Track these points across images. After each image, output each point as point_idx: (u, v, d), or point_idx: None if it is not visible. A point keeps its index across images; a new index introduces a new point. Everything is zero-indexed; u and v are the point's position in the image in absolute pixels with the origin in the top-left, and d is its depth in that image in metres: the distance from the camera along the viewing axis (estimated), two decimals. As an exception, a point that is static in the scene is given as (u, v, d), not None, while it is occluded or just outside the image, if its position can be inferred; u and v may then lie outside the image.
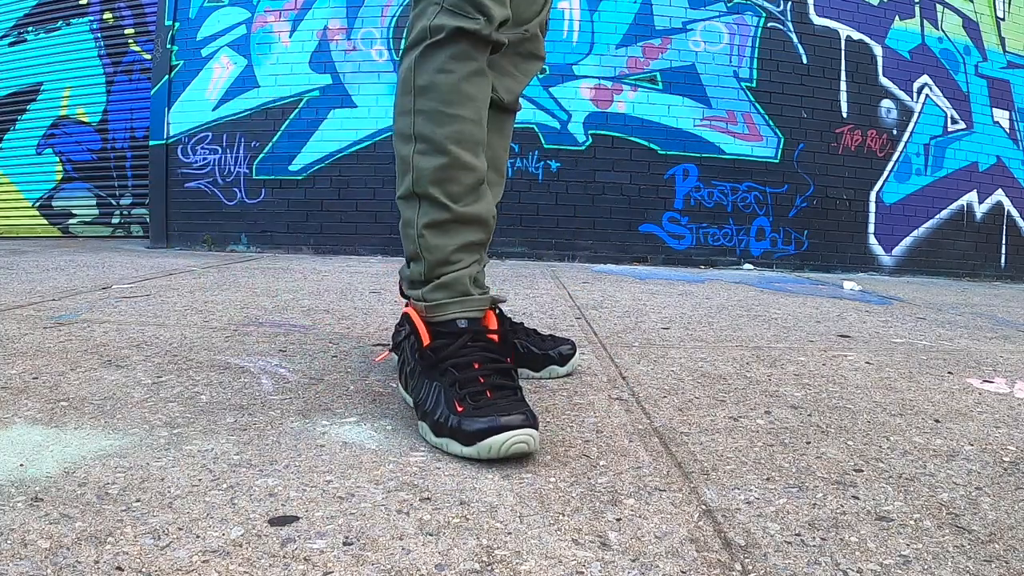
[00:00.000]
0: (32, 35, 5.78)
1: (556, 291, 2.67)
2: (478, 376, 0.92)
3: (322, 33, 4.38)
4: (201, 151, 4.49)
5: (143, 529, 0.64)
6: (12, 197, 5.91)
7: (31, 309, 1.82)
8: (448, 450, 0.86)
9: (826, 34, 4.50)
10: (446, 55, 0.98)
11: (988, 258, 4.90)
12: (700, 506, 0.75)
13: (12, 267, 2.88)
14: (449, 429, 0.86)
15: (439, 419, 0.88)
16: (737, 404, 1.15)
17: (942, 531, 0.70)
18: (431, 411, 0.90)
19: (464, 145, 0.99)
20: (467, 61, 0.98)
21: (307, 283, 2.66)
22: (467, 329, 0.99)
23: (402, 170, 1.02)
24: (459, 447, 0.85)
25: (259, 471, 0.79)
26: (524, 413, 0.85)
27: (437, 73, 0.98)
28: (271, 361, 1.33)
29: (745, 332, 1.89)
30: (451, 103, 0.98)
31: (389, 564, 0.60)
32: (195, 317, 1.79)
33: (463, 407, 0.87)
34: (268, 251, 4.41)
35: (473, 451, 0.84)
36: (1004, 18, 4.92)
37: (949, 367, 1.53)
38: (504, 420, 0.83)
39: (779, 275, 4.06)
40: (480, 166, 1.02)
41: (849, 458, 0.91)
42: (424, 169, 0.99)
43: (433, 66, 0.98)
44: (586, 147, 4.35)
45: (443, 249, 1.01)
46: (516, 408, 0.86)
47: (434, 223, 1.00)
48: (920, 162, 4.69)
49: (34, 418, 0.94)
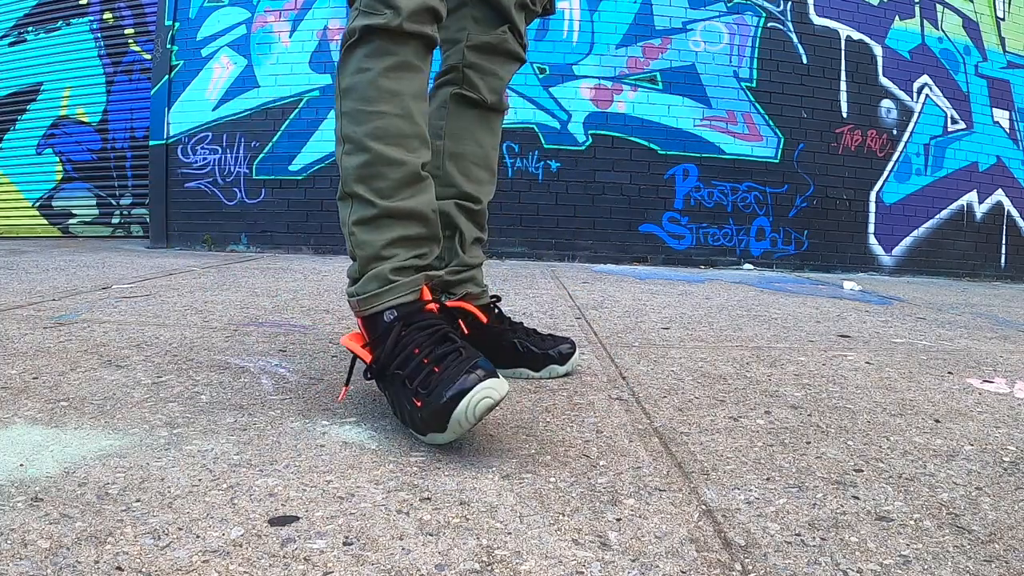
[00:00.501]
0: (32, 35, 5.78)
1: (556, 291, 2.67)
2: (421, 359, 0.89)
3: (322, 33, 4.38)
4: (201, 151, 4.49)
5: (143, 529, 0.64)
6: (12, 197, 5.91)
7: (31, 309, 1.82)
8: (439, 442, 0.87)
9: (826, 34, 4.50)
10: (362, 54, 0.98)
11: (988, 258, 4.90)
12: (700, 506, 0.75)
13: (12, 267, 2.88)
14: (424, 424, 0.86)
15: (414, 421, 0.88)
16: (737, 404, 1.15)
17: (942, 531, 0.70)
18: (407, 418, 0.90)
19: (386, 140, 0.98)
20: (384, 56, 0.98)
21: (307, 283, 2.65)
22: (397, 319, 0.95)
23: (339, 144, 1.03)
24: (442, 436, 0.85)
25: (259, 471, 0.79)
26: (473, 370, 0.83)
27: (355, 73, 0.99)
28: (271, 361, 1.33)
29: (745, 332, 1.89)
30: (370, 100, 0.98)
31: (389, 564, 0.60)
32: (195, 317, 1.79)
33: (420, 400, 0.85)
34: (268, 251, 4.41)
35: (450, 434, 0.83)
36: (1004, 18, 4.92)
37: (949, 367, 1.53)
38: (456, 389, 0.81)
39: (779, 275, 4.06)
40: (411, 160, 1.00)
41: (849, 458, 0.91)
42: (349, 168, 1.00)
43: (352, 67, 0.99)
44: (586, 147, 4.35)
45: (373, 244, 0.99)
46: (464, 368, 0.83)
47: (362, 219, 0.99)
48: (920, 162, 4.69)
49: (34, 418, 0.94)
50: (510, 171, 4.34)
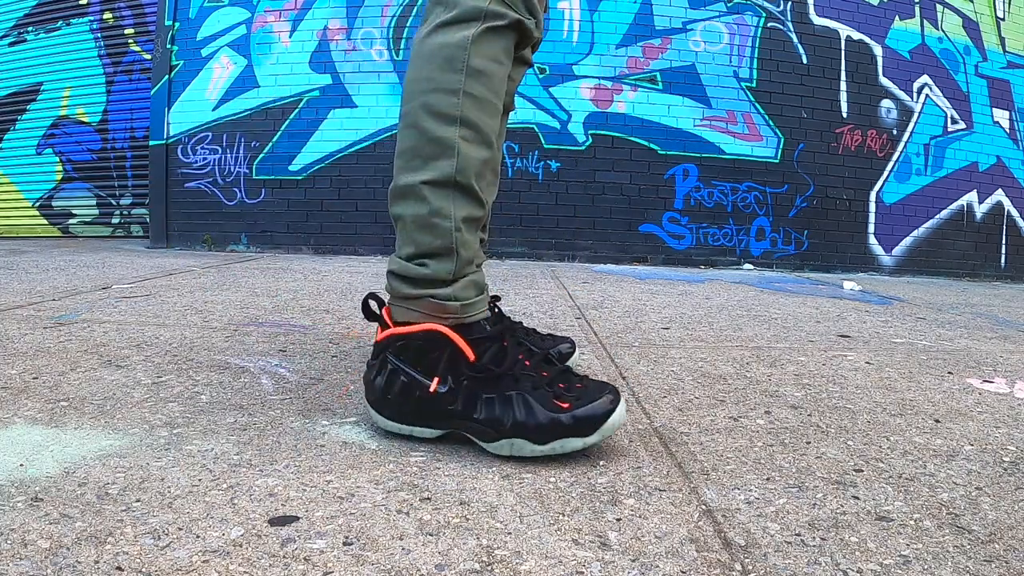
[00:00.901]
0: (32, 35, 5.78)
1: (556, 291, 2.67)
2: (542, 371, 0.91)
3: (322, 33, 4.38)
4: (201, 151, 4.49)
5: (143, 529, 0.64)
6: (12, 197, 5.91)
7: (31, 309, 1.81)
8: (564, 450, 0.85)
9: (826, 34, 4.50)
10: (503, 45, 0.92)
11: (988, 258, 4.90)
12: (700, 506, 0.75)
13: (12, 267, 2.88)
14: (564, 428, 0.84)
15: (546, 424, 0.84)
16: (737, 404, 1.15)
17: (942, 531, 0.70)
18: (527, 421, 0.85)
19: (500, 143, 0.97)
20: (511, 55, 0.95)
21: (307, 283, 2.65)
22: (508, 328, 0.95)
23: (434, 152, 0.90)
24: (579, 441, 0.85)
25: (259, 471, 0.79)
26: (609, 389, 0.89)
27: (492, 61, 0.91)
28: (271, 361, 1.33)
29: (745, 332, 1.89)
30: (499, 95, 0.93)
31: (389, 564, 0.60)
32: (195, 317, 1.79)
33: (568, 402, 0.86)
34: (268, 251, 4.41)
35: (596, 437, 0.86)
36: (1004, 18, 4.92)
37: (949, 367, 1.53)
38: (611, 402, 0.87)
39: (779, 275, 4.06)
40: None
41: (849, 458, 0.91)
42: (473, 159, 0.90)
43: (490, 52, 0.91)
44: (586, 147, 4.35)
45: (472, 246, 0.93)
46: (604, 388, 0.90)
47: (471, 218, 0.92)
48: (920, 162, 4.69)
49: (34, 418, 0.94)
50: (510, 171, 4.34)
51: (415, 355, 0.90)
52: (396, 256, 0.94)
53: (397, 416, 0.91)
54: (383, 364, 0.92)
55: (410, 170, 0.92)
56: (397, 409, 0.91)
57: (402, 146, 0.93)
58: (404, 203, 0.93)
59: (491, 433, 0.86)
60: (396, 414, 0.91)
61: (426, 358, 0.90)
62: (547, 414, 0.85)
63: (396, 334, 0.91)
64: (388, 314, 0.94)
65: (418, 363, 0.90)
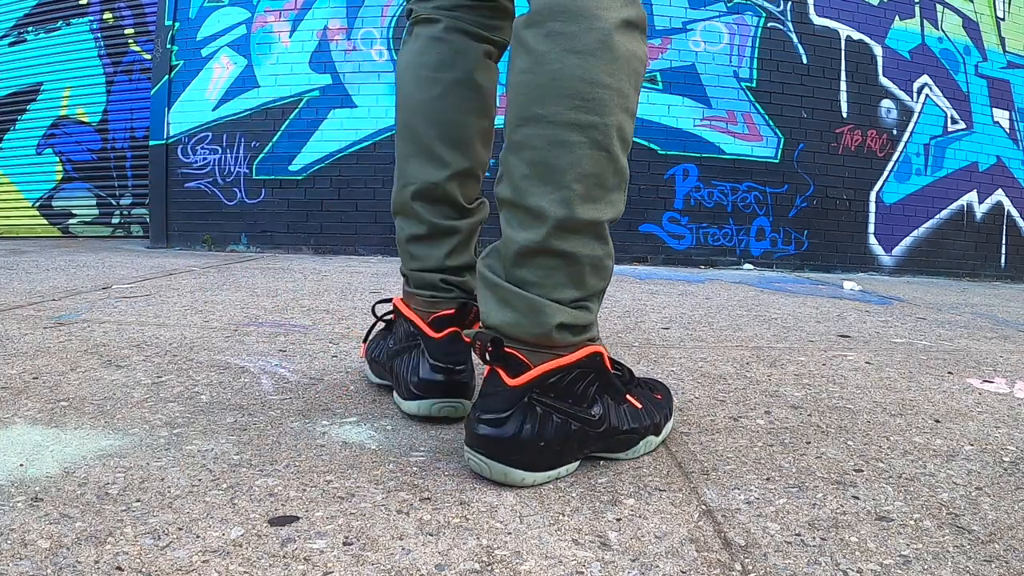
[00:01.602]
0: (32, 35, 5.78)
1: (556, 291, 2.67)
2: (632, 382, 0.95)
3: (322, 33, 4.38)
4: (201, 151, 4.49)
5: (143, 529, 0.64)
6: (12, 197, 5.91)
7: (31, 309, 1.82)
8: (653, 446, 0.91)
9: (826, 34, 4.50)
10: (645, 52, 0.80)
11: (988, 258, 4.90)
12: (700, 506, 0.75)
13: (12, 267, 2.88)
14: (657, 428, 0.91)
15: (661, 421, 0.92)
16: (737, 404, 1.15)
17: (942, 531, 0.70)
18: (654, 419, 0.90)
19: None
20: None
21: (307, 283, 2.66)
22: None
23: (616, 184, 0.78)
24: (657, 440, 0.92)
25: (259, 471, 0.79)
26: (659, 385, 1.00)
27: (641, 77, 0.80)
28: (271, 361, 1.33)
29: (745, 332, 1.89)
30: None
31: (389, 564, 0.60)
32: (195, 317, 1.79)
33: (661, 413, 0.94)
34: (268, 251, 4.41)
35: (663, 437, 0.94)
36: (1004, 18, 4.92)
37: (949, 367, 1.53)
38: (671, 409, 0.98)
39: (779, 275, 4.06)
40: None
41: (849, 458, 0.91)
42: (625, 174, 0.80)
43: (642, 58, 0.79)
44: (586, 147, 4.35)
45: None
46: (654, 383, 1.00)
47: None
48: (920, 162, 4.69)
49: (34, 418, 0.94)
50: (510, 171, 4.34)
51: (567, 388, 0.79)
52: (553, 302, 0.77)
53: (552, 462, 0.78)
54: (527, 409, 0.76)
55: (592, 201, 0.76)
56: (551, 456, 0.78)
57: (584, 168, 0.75)
58: (582, 241, 0.77)
59: (633, 438, 0.86)
60: (551, 461, 0.78)
61: (576, 386, 0.80)
62: (652, 408, 0.91)
63: (553, 368, 0.78)
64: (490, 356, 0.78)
65: (568, 395, 0.79)
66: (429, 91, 1.00)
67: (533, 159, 0.75)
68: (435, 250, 1.02)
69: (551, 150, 0.74)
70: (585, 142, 0.74)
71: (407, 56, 1.03)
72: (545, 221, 0.75)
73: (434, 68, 0.99)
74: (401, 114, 1.04)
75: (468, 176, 1.02)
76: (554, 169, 0.75)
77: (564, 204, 0.75)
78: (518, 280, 0.78)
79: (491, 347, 0.77)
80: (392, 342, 1.06)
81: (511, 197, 0.78)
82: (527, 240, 0.76)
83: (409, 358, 0.99)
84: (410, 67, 1.02)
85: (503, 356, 0.77)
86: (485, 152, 1.05)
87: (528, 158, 0.76)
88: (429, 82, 1.00)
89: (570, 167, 0.75)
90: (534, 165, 0.75)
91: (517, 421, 0.76)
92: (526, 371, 0.77)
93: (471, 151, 1.01)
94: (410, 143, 1.02)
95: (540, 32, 0.75)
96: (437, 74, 0.99)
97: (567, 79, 0.73)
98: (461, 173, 1.01)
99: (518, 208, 0.77)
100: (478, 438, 0.76)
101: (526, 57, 0.76)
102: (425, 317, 1.00)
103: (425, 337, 0.98)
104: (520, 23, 0.78)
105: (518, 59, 0.77)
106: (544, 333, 0.77)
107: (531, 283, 0.77)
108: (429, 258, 1.02)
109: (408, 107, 1.02)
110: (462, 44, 1.00)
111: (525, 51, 0.76)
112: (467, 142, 1.01)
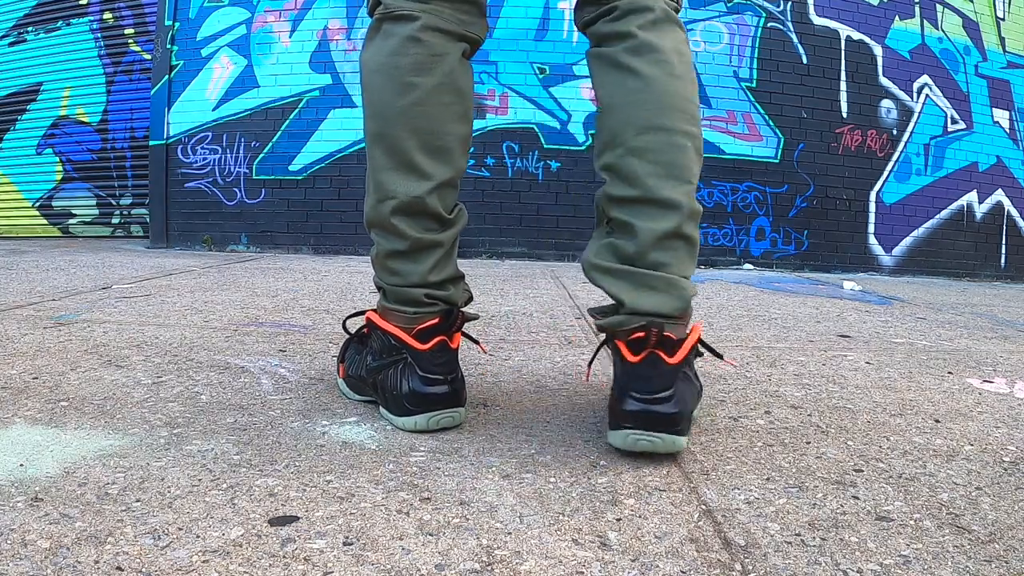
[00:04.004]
0: (32, 35, 5.78)
1: (556, 291, 2.67)
2: None
3: (322, 33, 4.38)
4: (201, 151, 4.49)
5: (143, 529, 0.64)
6: (12, 197, 5.91)
7: (31, 309, 1.82)
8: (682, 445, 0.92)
9: (826, 34, 4.50)
10: None
11: (988, 258, 4.90)
12: (700, 506, 0.75)
13: (12, 267, 2.88)
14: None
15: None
16: (737, 404, 1.15)
17: (942, 531, 0.70)
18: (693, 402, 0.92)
19: None
20: None
21: (307, 283, 2.66)
22: None
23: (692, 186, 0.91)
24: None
25: (259, 471, 0.79)
26: None
27: None
28: (271, 361, 1.33)
29: (745, 332, 1.89)
30: None
31: (389, 564, 0.60)
32: (195, 317, 1.79)
33: None
34: (268, 251, 4.41)
35: None
36: (1004, 18, 4.92)
37: (949, 367, 1.53)
38: None
39: (779, 275, 4.06)
40: None
41: (849, 458, 0.91)
42: None
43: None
44: (586, 147, 4.35)
45: None
46: None
47: None
48: (920, 162, 4.69)
49: (34, 418, 0.94)
50: (510, 171, 4.34)
51: (694, 355, 0.92)
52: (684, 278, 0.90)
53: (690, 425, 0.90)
54: (682, 381, 0.87)
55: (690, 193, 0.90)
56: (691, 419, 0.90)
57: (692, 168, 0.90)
58: (695, 226, 0.91)
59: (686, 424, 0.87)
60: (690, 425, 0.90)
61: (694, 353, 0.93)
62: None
63: (696, 340, 0.90)
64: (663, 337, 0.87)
65: (691, 362, 0.92)
66: (406, 97, 0.92)
67: (658, 160, 0.88)
68: (418, 265, 0.96)
69: (675, 153, 0.89)
70: (690, 147, 0.90)
71: (377, 56, 0.95)
72: (679, 210, 0.88)
73: (411, 71, 0.92)
74: (373, 122, 0.96)
75: (449, 186, 0.97)
76: (680, 168, 0.89)
77: (689, 196, 0.89)
78: (654, 263, 0.88)
79: (655, 332, 0.85)
80: (371, 358, 1.01)
81: (640, 194, 0.89)
82: (666, 227, 0.88)
83: (396, 373, 0.95)
84: (383, 69, 0.94)
85: (665, 339, 0.86)
86: (464, 159, 0.99)
87: (654, 159, 0.88)
88: (406, 87, 0.92)
89: (687, 167, 0.89)
90: (661, 165, 0.88)
91: (680, 394, 0.85)
92: (678, 348, 0.86)
93: (452, 160, 0.96)
94: (386, 155, 0.95)
95: (648, 60, 0.90)
96: (415, 78, 0.92)
97: (676, 97, 0.90)
98: (443, 184, 0.95)
99: (650, 202, 0.88)
100: (653, 418, 0.83)
101: (638, 79, 0.90)
102: (408, 331, 0.95)
103: (412, 351, 0.94)
104: (622, 51, 0.91)
105: (629, 80, 0.91)
106: (684, 307, 0.89)
107: (666, 264, 0.89)
108: (411, 274, 0.96)
109: (382, 115, 0.95)
110: (441, 45, 0.93)
111: (634, 75, 0.90)
112: (449, 151, 0.96)
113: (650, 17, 0.91)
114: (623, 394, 0.85)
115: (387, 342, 0.98)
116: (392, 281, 0.98)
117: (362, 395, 1.08)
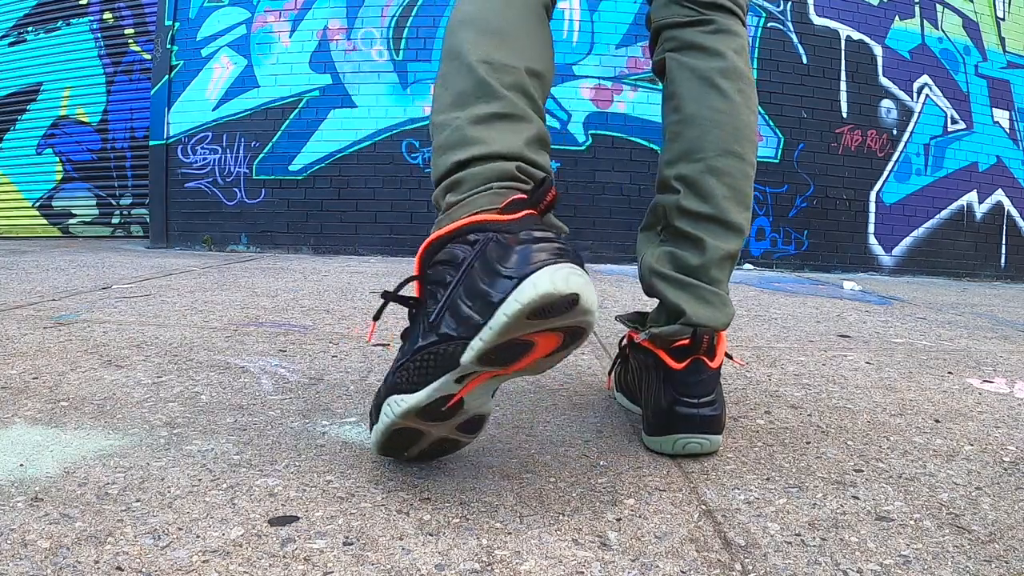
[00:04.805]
0: (32, 35, 5.78)
1: (556, 291, 2.66)
2: None
3: (322, 33, 4.38)
4: (201, 151, 4.49)
5: (143, 529, 0.64)
6: (12, 197, 5.91)
7: (31, 309, 1.82)
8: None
9: (826, 34, 4.50)
10: None
11: (988, 258, 4.90)
12: (700, 506, 0.75)
13: (12, 267, 2.88)
14: None
15: None
16: (737, 404, 1.15)
17: (942, 531, 0.70)
18: None
19: None
20: None
21: (307, 283, 2.66)
22: None
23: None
24: None
25: (259, 471, 0.79)
26: None
27: None
28: (271, 361, 1.33)
29: (745, 332, 1.89)
30: None
31: (389, 564, 0.60)
32: (195, 317, 1.79)
33: None
34: (268, 251, 4.41)
35: None
36: (1004, 18, 4.92)
37: (949, 367, 1.53)
38: None
39: (779, 275, 4.06)
40: None
41: (849, 458, 0.91)
42: None
43: None
44: (586, 147, 4.35)
45: None
46: None
47: None
48: (920, 162, 4.69)
49: (34, 418, 0.94)
50: (510, 171, 4.33)
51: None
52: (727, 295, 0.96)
53: None
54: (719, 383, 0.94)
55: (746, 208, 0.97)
56: None
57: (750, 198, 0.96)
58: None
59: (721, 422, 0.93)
60: None
61: None
62: None
63: (726, 347, 0.97)
64: None
65: None
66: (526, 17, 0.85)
67: (732, 184, 0.93)
68: (514, 134, 0.79)
69: (743, 180, 0.93)
70: (752, 178, 0.96)
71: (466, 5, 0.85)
72: (741, 235, 0.94)
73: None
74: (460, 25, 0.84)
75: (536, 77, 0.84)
76: (745, 195, 0.94)
77: (748, 223, 0.95)
78: (714, 279, 0.92)
79: (707, 340, 0.90)
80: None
81: (713, 213, 0.92)
82: (731, 249, 0.93)
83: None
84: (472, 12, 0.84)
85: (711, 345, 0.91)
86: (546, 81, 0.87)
87: (729, 183, 0.93)
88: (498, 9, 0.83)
89: (750, 195, 0.95)
90: (733, 190, 0.92)
91: (720, 396, 0.90)
92: (714, 353, 0.91)
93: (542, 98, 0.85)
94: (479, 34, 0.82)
95: (735, 87, 0.94)
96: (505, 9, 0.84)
97: (749, 129, 0.95)
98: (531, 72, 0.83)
99: (720, 222, 0.92)
100: (702, 421, 0.87)
101: (724, 101, 0.93)
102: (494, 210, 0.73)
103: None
104: (715, 69, 0.93)
105: (717, 100, 0.93)
106: (728, 322, 0.93)
107: (720, 281, 0.93)
108: (503, 141, 0.78)
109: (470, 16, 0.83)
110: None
111: (722, 95, 0.93)
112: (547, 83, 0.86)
113: (739, 43, 0.95)
114: (673, 401, 0.88)
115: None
116: (474, 152, 0.77)
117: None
